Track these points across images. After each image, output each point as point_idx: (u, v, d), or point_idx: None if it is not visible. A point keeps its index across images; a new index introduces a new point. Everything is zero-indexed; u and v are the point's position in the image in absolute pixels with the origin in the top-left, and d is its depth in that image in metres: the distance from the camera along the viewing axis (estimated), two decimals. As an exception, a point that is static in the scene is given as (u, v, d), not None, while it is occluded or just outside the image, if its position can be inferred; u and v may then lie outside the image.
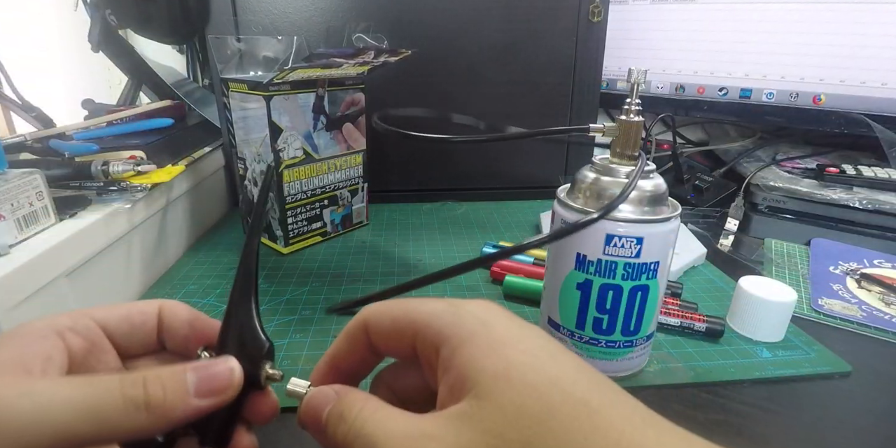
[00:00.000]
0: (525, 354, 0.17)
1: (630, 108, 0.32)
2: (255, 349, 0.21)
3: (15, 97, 0.59)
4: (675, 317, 0.40)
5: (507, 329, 0.18)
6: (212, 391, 0.19)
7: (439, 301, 0.20)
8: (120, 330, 0.22)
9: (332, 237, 0.60)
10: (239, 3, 0.60)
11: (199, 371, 0.19)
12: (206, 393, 0.18)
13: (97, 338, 0.21)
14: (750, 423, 0.32)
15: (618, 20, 0.72)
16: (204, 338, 0.23)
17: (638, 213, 0.31)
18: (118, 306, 0.23)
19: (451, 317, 0.19)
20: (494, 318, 0.19)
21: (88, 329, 0.21)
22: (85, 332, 0.21)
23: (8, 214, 0.33)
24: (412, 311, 0.20)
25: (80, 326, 0.21)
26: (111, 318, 0.22)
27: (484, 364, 0.17)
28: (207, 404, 0.19)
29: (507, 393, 0.16)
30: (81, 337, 0.21)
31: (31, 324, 0.20)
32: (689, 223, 0.65)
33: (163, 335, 0.23)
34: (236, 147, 0.56)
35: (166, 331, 0.23)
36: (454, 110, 0.42)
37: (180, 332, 0.23)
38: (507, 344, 0.18)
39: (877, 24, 0.59)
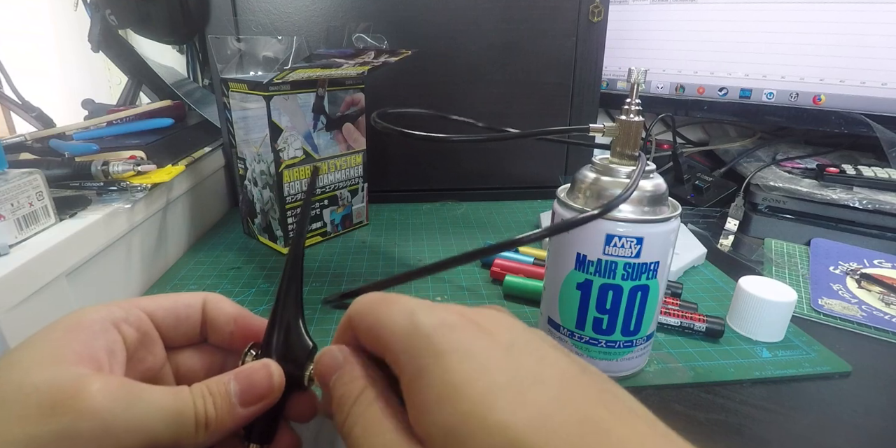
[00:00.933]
0: (481, 402, 0.15)
1: (630, 108, 0.32)
2: (300, 350, 0.21)
3: (15, 97, 0.59)
4: (675, 317, 0.40)
5: (463, 362, 0.16)
6: (255, 398, 0.19)
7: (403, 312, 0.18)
8: (166, 322, 0.22)
9: (332, 237, 0.60)
10: (239, 3, 0.60)
11: (241, 380, 0.19)
12: (250, 400, 0.19)
13: (148, 329, 0.22)
14: (750, 423, 0.32)
15: (618, 20, 0.72)
16: (247, 334, 0.23)
17: (638, 213, 0.31)
18: (164, 297, 0.23)
19: (406, 340, 0.17)
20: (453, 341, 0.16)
21: (140, 320, 0.21)
22: (137, 323, 0.21)
23: (8, 214, 0.33)
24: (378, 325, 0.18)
25: (133, 318, 0.21)
26: (159, 310, 0.22)
27: (434, 419, 0.15)
28: (253, 411, 0.19)
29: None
30: (135, 328, 0.21)
31: (88, 314, 0.20)
32: (689, 223, 0.65)
33: (206, 328, 0.23)
34: (236, 147, 0.56)
35: (210, 324, 0.23)
36: (454, 110, 0.42)
37: (225, 327, 0.23)
38: (461, 391, 0.15)
39: (877, 24, 0.59)
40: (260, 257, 0.54)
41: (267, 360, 0.20)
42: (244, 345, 0.22)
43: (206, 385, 0.19)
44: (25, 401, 0.16)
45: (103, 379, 0.17)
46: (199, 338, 0.24)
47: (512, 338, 0.17)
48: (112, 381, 0.17)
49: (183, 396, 0.18)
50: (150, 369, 0.22)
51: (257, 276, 0.50)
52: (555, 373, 0.16)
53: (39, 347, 0.18)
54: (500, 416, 0.14)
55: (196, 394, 0.18)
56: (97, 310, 0.20)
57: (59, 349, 0.18)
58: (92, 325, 0.19)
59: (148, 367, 0.21)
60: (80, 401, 0.16)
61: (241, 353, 0.22)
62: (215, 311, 0.23)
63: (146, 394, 0.17)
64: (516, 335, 0.17)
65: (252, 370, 0.20)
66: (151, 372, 0.22)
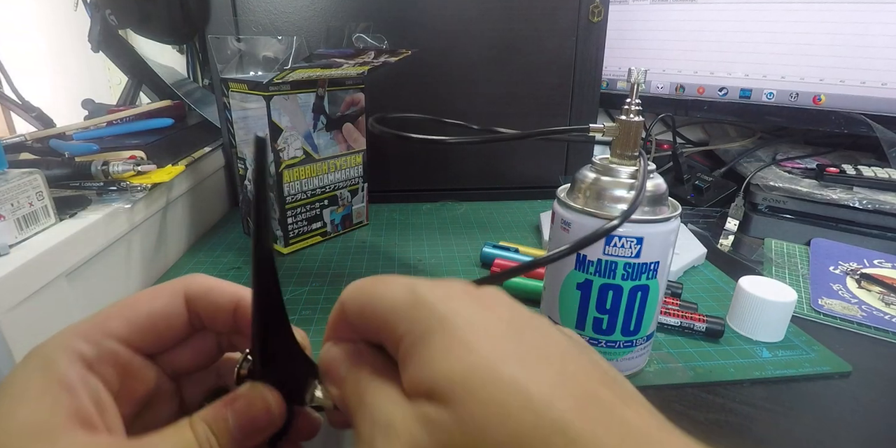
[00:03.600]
0: (490, 358, 0.14)
1: (630, 108, 0.32)
2: (299, 371, 0.20)
3: (15, 97, 0.59)
4: (675, 317, 0.40)
5: (469, 325, 0.15)
6: (256, 431, 0.18)
7: (402, 287, 0.17)
8: (146, 341, 0.20)
9: (332, 237, 0.60)
10: (239, 3, 0.60)
11: (240, 415, 0.18)
12: (252, 434, 0.18)
13: (126, 360, 0.19)
14: (750, 423, 0.32)
15: (618, 20, 0.72)
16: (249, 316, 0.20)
17: (638, 212, 0.31)
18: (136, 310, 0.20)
19: (407, 310, 0.16)
20: (457, 309, 0.16)
21: (115, 355, 0.19)
22: (113, 359, 0.19)
23: (8, 214, 0.33)
24: (376, 300, 0.18)
25: (106, 355, 0.18)
26: (135, 334, 0.19)
27: (440, 367, 0.15)
28: (257, 442, 0.19)
29: (469, 407, 0.14)
30: (111, 366, 0.18)
31: (55, 360, 0.17)
32: (689, 223, 0.65)
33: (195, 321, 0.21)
34: (236, 147, 0.56)
35: (204, 319, 0.21)
36: (454, 110, 0.42)
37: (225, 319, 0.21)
38: (468, 345, 0.15)
39: (877, 24, 0.59)
40: None
41: (262, 390, 0.19)
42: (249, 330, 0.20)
43: (206, 421, 0.18)
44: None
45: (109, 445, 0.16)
46: (188, 333, 0.21)
47: (513, 315, 0.17)
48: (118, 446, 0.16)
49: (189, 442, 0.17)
50: (145, 394, 0.20)
51: (257, 276, 0.49)
52: (558, 350, 0.16)
53: (17, 419, 0.16)
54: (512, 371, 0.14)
55: (199, 433, 0.17)
56: (62, 352, 0.17)
57: (40, 416, 0.16)
58: (67, 378, 0.17)
59: (141, 394, 0.20)
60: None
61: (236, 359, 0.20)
62: (209, 306, 0.21)
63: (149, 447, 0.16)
64: (517, 313, 0.17)
65: (250, 402, 0.18)
66: (147, 396, 0.20)
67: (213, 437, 0.17)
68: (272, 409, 0.19)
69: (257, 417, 0.18)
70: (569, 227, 0.32)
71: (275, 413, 0.19)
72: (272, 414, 0.19)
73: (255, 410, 0.18)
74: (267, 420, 0.19)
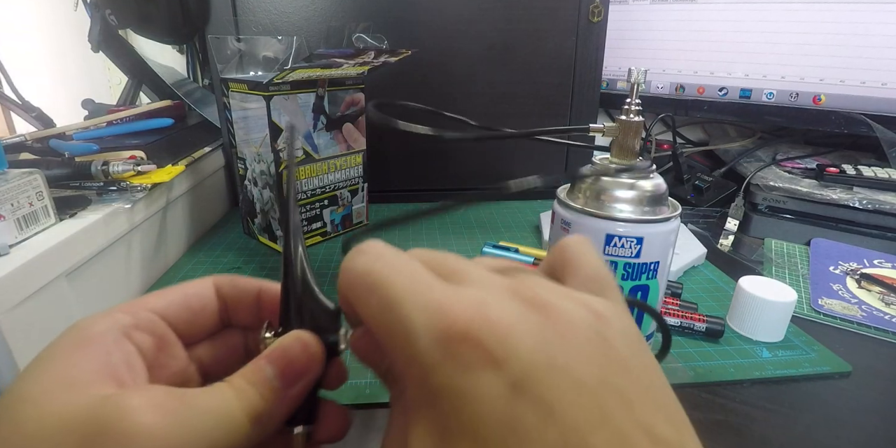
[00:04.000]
0: None
1: (630, 108, 0.32)
2: (323, 315, 0.19)
3: (15, 97, 0.59)
4: (675, 317, 0.40)
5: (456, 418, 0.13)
6: (297, 375, 0.17)
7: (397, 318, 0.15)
8: (181, 319, 0.20)
9: (332, 237, 0.60)
10: (239, 3, 0.60)
11: (277, 361, 0.17)
12: (293, 380, 0.17)
13: (163, 331, 0.19)
14: (750, 423, 0.32)
15: (618, 20, 0.72)
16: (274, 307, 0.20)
17: (638, 213, 0.31)
18: (172, 292, 0.20)
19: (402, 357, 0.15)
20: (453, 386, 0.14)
21: (153, 324, 0.19)
22: (150, 328, 0.19)
23: (8, 214, 0.33)
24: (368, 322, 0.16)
25: (144, 322, 0.19)
26: (170, 308, 0.20)
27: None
28: (299, 390, 0.18)
29: None
30: (148, 334, 0.19)
31: (93, 325, 0.17)
32: (689, 223, 0.65)
33: (225, 313, 0.21)
34: (236, 147, 0.56)
35: (232, 308, 0.21)
36: (454, 110, 0.42)
37: (250, 308, 0.21)
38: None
39: (877, 24, 0.59)
40: (260, 257, 0.54)
41: (297, 333, 0.18)
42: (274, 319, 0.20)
43: (243, 376, 0.17)
44: (56, 436, 0.14)
45: (143, 393, 0.15)
46: (219, 326, 0.21)
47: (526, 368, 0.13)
48: (154, 394, 0.15)
49: (227, 395, 0.16)
50: (175, 374, 0.20)
51: (257, 276, 0.49)
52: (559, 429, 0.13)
53: (48, 372, 0.16)
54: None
55: (238, 388, 0.17)
56: (101, 319, 0.18)
57: (71, 371, 0.16)
58: (101, 339, 0.17)
59: (172, 372, 0.20)
60: (126, 423, 0.14)
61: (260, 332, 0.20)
62: (234, 292, 0.21)
63: (194, 400, 0.16)
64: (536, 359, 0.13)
65: (285, 347, 0.18)
66: (177, 376, 0.20)
67: (253, 388, 0.17)
68: (312, 351, 0.18)
69: (296, 362, 0.17)
70: (569, 227, 0.32)
71: (314, 352, 0.18)
72: (312, 356, 0.18)
73: (292, 355, 0.17)
74: (307, 363, 0.18)
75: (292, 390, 0.17)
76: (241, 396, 0.16)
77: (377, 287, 0.16)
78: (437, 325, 0.14)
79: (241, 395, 0.16)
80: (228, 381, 0.17)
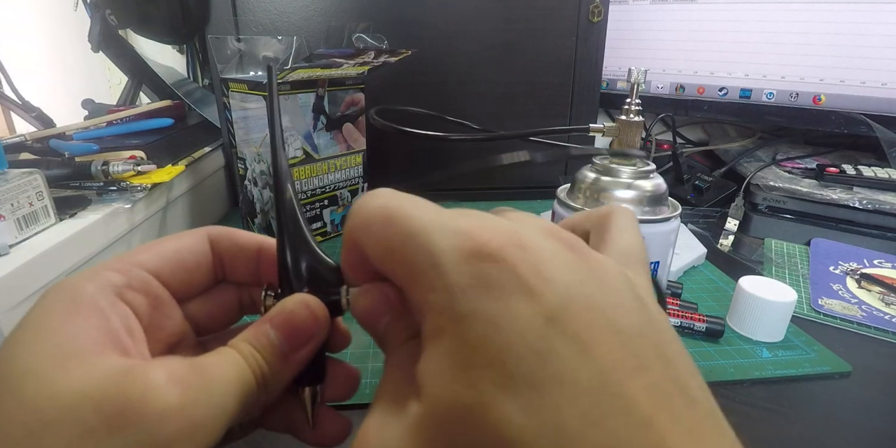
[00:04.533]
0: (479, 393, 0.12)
1: (630, 108, 0.32)
2: (326, 274, 0.18)
3: (15, 97, 0.59)
4: (674, 317, 0.40)
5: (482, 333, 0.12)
6: (303, 340, 0.17)
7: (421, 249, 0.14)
8: (174, 277, 0.19)
9: (332, 237, 0.60)
10: (239, 3, 0.60)
11: (282, 327, 0.17)
12: (299, 344, 0.17)
13: (157, 291, 0.18)
14: (750, 423, 0.32)
15: (618, 20, 0.72)
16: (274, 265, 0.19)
17: (638, 212, 0.31)
18: (164, 247, 0.19)
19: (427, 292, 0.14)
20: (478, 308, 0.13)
21: (146, 283, 0.18)
22: (144, 287, 0.17)
23: (8, 214, 0.33)
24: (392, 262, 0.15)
25: (137, 282, 0.17)
26: (164, 266, 0.18)
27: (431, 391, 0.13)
28: (304, 355, 0.17)
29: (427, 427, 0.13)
30: (142, 294, 0.17)
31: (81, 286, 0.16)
32: (689, 223, 0.65)
33: (220, 269, 0.20)
34: (236, 147, 0.56)
35: (229, 264, 0.20)
36: (454, 110, 0.42)
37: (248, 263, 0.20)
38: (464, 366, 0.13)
39: (877, 24, 0.59)
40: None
41: (302, 296, 0.17)
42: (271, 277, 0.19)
43: (248, 341, 0.16)
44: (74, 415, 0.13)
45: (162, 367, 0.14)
46: (213, 282, 0.20)
47: (564, 302, 0.13)
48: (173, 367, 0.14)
49: (239, 362, 0.16)
50: (172, 335, 0.19)
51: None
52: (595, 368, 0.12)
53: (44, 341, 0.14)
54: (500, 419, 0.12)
55: (246, 354, 0.16)
56: (90, 279, 0.16)
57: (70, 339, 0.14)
58: (95, 302, 0.15)
59: (168, 333, 0.18)
60: (149, 400, 0.13)
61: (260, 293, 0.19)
62: (232, 248, 0.20)
63: (209, 371, 0.15)
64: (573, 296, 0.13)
65: (290, 311, 0.17)
66: (173, 336, 0.19)
67: (258, 353, 0.16)
68: (317, 315, 0.17)
69: (302, 326, 0.17)
70: (569, 227, 0.32)
71: (320, 317, 0.17)
72: (317, 319, 0.17)
73: (298, 320, 0.17)
74: (313, 326, 0.17)
75: (298, 354, 0.17)
76: (250, 363, 0.16)
77: (397, 218, 0.15)
78: (466, 247, 0.13)
79: (251, 362, 0.16)
80: (234, 346, 0.16)
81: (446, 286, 0.13)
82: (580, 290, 0.13)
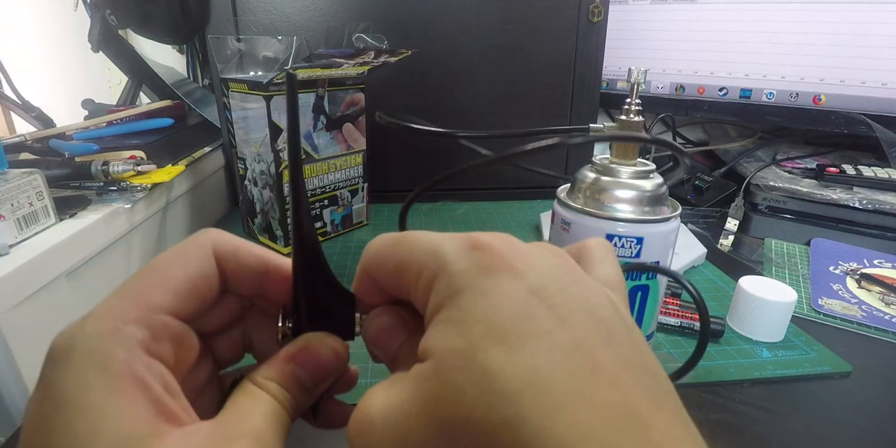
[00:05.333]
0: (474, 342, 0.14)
1: (630, 108, 0.32)
2: (344, 304, 0.19)
3: (15, 97, 0.59)
4: (675, 317, 0.40)
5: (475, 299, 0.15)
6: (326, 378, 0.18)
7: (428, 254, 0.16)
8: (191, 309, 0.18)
9: (332, 237, 0.60)
10: (239, 3, 0.60)
11: (308, 366, 0.18)
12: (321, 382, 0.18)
13: (178, 332, 0.17)
14: (750, 423, 0.32)
15: (618, 20, 0.72)
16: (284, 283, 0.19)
17: (638, 213, 0.31)
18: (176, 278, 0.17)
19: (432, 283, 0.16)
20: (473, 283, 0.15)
21: (169, 329, 0.17)
22: (168, 334, 0.17)
23: (8, 214, 0.33)
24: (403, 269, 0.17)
25: (161, 331, 0.16)
26: (181, 303, 0.17)
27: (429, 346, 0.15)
28: (327, 386, 0.19)
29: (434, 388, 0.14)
30: (167, 341, 0.17)
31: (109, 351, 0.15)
32: (689, 223, 0.65)
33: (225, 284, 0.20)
34: (236, 147, 0.56)
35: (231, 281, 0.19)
36: (454, 110, 0.42)
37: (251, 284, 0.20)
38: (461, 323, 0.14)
39: (877, 24, 0.59)
40: None
41: (325, 338, 0.18)
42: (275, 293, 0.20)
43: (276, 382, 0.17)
44: None
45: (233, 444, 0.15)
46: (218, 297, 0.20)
47: (544, 282, 0.15)
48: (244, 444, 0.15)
49: (278, 409, 0.17)
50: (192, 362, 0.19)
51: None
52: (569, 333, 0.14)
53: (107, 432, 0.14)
54: (485, 360, 0.13)
55: (281, 399, 0.17)
56: (113, 339, 0.15)
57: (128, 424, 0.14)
58: (131, 371, 0.15)
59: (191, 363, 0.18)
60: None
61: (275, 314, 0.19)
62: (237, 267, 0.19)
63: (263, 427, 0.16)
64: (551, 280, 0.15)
65: (315, 353, 0.18)
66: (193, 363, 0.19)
67: (289, 394, 0.17)
68: (340, 354, 0.19)
69: (327, 365, 0.18)
70: (569, 227, 0.32)
71: (342, 357, 0.19)
72: (340, 357, 0.19)
73: (323, 360, 0.18)
74: (336, 364, 0.18)
75: (320, 388, 0.18)
76: (284, 405, 0.17)
77: (405, 239, 0.17)
78: (465, 244, 0.16)
79: (285, 404, 0.17)
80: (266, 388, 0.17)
81: (448, 273, 0.15)
82: (559, 279, 0.15)
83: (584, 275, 0.16)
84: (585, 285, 0.16)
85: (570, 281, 0.15)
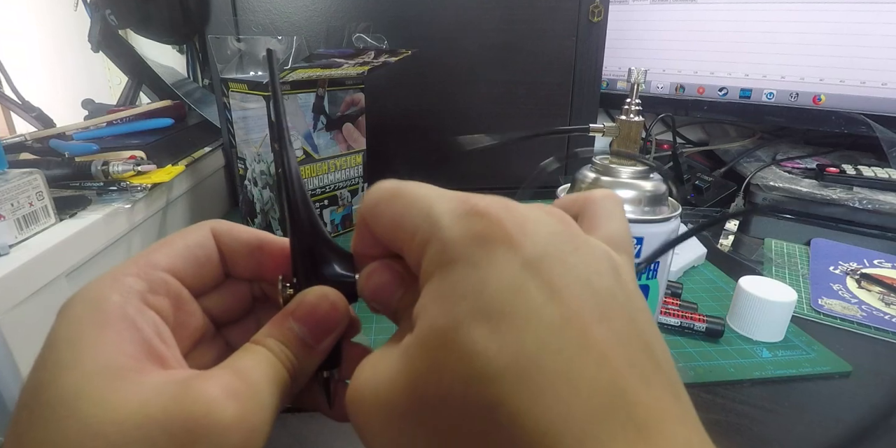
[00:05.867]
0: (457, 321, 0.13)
1: (630, 108, 0.32)
2: (340, 263, 0.19)
3: (15, 97, 0.59)
4: (675, 317, 0.40)
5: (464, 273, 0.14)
6: (326, 332, 0.18)
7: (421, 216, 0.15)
8: (189, 273, 0.19)
9: (332, 237, 0.60)
10: (239, 3, 0.60)
11: (306, 321, 0.17)
12: (322, 337, 0.17)
13: (177, 289, 0.18)
14: (750, 423, 0.32)
15: (618, 20, 0.72)
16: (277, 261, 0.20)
17: (638, 213, 0.31)
18: (174, 244, 0.19)
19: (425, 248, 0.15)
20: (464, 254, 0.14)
21: (166, 284, 0.18)
22: (165, 289, 0.18)
23: (8, 214, 0.33)
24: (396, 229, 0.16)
25: (158, 284, 0.17)
26: (178, 264, 0.18)
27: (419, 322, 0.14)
28: (327, 345, 0.18)
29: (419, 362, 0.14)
30: (164, 296, 0.17)
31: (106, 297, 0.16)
32: (689, 223, 0.65)
33: (225, 264, 0.20)
34: (236, 147, 0.56)
35: (229, 258, 0.20)
36: (454, 110, 0.42)
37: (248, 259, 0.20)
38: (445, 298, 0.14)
39: (877, 24, 0.59)
40: None
41: (321, 289, 0.18)
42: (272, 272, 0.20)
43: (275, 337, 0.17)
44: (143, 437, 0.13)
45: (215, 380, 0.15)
46: (223, 276, 0.20)
47: (541, 252, 0.14)
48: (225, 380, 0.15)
49: (273, 361, 0.16)
50: (196, 330, 0.19)
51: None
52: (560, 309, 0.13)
53: (84, 360, 0.14)
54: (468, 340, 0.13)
55: (277, 352, 0.17)
56: (112, 287, 0.16)
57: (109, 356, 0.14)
58: (123, 312, 0.15)
59: (192, 330, 0.19)
60: (213, 418, 0.14)
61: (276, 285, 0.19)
62: (232, 243, 0.20)
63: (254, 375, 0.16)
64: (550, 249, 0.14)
65: (312, 305, 0.17)
66: (197, 333, 0.19)
67: (288, 348, 0.17)
68: (337, 305, 0.18)
69: (325, 317, 0.17)
70: (569, 227, 0.32)
71: (340, 309, 0.18)
72: (339, 312, 0.18)
73: (321, 313, 0.17)
74: (335, 317, 0.18)
75: (322, 345, 0.18)
76: (282, 359, 0.17)
77: (403, 192, 0.16)
78: (461, 208, 0.15)
79: (282, 358, 0.17)
80: (263, 343, 0.17)
81: (441, 239, 0.15)
82: (558, 247, 0.14)
83: (586, 240, 0.15)
84: (586, 252, 0.15)
85: (569, 249, 0.14)
